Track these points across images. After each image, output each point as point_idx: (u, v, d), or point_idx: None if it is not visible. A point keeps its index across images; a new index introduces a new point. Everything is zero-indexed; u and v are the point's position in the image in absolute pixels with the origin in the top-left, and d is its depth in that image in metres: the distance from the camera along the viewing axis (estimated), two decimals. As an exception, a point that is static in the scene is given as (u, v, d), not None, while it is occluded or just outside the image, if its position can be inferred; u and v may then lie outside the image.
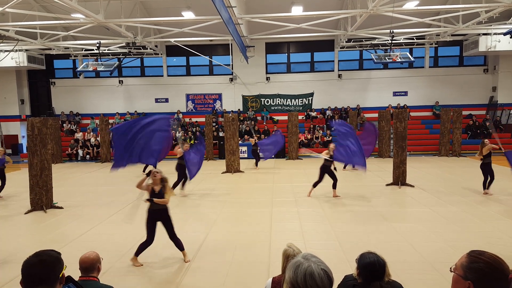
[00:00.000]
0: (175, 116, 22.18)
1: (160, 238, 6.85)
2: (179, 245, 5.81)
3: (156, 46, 21.16)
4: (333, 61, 22.22)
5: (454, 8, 14.81)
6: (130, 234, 7.15)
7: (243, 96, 22.43)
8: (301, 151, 17.76)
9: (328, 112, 21.85)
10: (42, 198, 9.09)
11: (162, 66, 22.80)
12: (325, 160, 9.90)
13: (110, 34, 17.55)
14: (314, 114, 21.80)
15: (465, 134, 19.50)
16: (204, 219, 8.14)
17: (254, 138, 15.86)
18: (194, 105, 22.86)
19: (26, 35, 17.36)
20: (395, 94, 22.03)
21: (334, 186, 9.95)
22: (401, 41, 19.94)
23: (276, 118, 22.02)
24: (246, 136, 20.00)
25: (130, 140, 5.95)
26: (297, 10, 15.43)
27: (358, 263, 2.48)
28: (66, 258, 1.91)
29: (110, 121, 20.58)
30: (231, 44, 19.27)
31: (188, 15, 15.23)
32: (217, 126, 20.60)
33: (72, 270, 3.30)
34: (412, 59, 17.31)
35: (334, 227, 7.30)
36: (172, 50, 22.31)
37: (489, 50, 18.87)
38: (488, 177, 9.89)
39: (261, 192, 10.80)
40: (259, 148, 15.02)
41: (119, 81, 22.72)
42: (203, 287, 5.02)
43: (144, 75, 23.18)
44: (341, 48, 21.46)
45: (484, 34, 18.78)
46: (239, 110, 22.31)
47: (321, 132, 20.14)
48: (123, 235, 7.10)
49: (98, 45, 17.45)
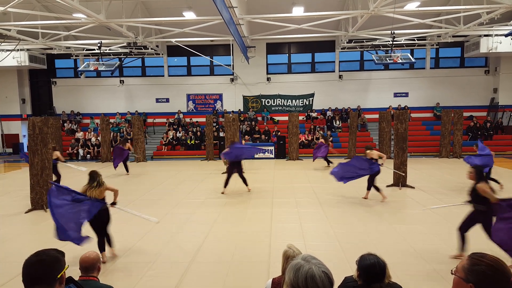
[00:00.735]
0: (176, 116, 22.20)
1: (160, 238, 6.87)
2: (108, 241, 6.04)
3: (157, 46, 21.18)
4: (334, 61, 22.22)
5: (456, 9, 14.80)
6: (130, 234, 7.16)
7: (244, 96, 22.44)
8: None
9: (328, 112, 21.86)
10: (42, 197, 9.09)
11: (163, 66, 22.82)
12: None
13: (111, 34, 17.56)
14: (314, 114, 21.80)
15: (466, 135, 19.49)
16: (204, 219, 8.14)
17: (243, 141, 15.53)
18: (194, 105, 22.88)
19: (28, 35, 17.38)
20: (396, 95, 22.02)
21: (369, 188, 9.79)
22: (402, 42, 19.94)
23: (276, 118, 22.03)
24: (246, 136, 20.00)
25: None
26: (298, 11, 15.44)
27: (358, 265, 2.48)
28: (66, 257, 1.90)
29: (111, 120, 20.62)
30: (232, 44, 19.26)
31: (189, 15, 15.24)
32: (217, 126, 20.60)
33: (72, 270, 3.31)
34: (413, 60, 17.31)
35: (334, 228, 7.29)
36: (173, 50, 22.33)
37: (490, 51, 18.86)
38: None
39: (261, 192, 10.79)
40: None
41: (120, 81, 22.73)
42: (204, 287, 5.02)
43: (145, 75, 23.19)
44: (342, 49, 21.46)
45: (485, 36, 18.78)
46: (240, 110, 22.32)
47: (321, 132, 20.13)
48: (123, 235, 7.10)
49: (99, 45, 17.46)
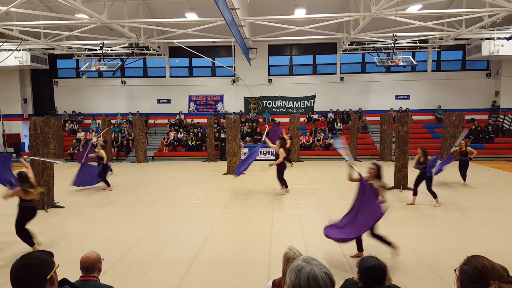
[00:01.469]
0: (177, 117, 22.23)
1: (160, 239, 6.87)
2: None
3: (159, 47, 21.22)
4: (335, 64, 22.24)
5: (457, 12, 14.82)
6: (131, 234, 7.16)
7: (245, 97, 22.46)
8: None
9: (330, 115, 21.86)
10: (43, 198, 9.10)
11: (164, 67, 22.86)
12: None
13: (113, 34, 17.61)
14: (316, 116, 21.81)
15: (467, 138, 19.45)
16: (204, 220, 8.14)
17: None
18: (196, 106, 22.90)
19: (30, 35, 17.43)
20: (397, 97, 22.02)
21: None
22: (403, 44, 19.95)
23: (277, 120, 22.00)
24: (247, 138, 20.01)
25: None
26: (300, 13, 15.46)
27: (359, 267, 2.47)
28: (66, 257, 1.92)
29: (112, 121, 20.64)
30: (234, 45, 19.30)
31: (191, 17, 15.27)
32: (218, 128, 20.61)
33: (73, 270, 3.31)
34: (414, 63, 17.32)
35: (335, 230, 7.27)
36: (175, 51, 22.36)
37: (492, 54, 18.85)
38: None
39: (262, 194, 10.79)
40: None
41: (122, 81, 22.77)
42: (203, 289, 5.02)
43: (146, 76, 23.23)
44: (343, 51, 21.48)
45: (487, 39, 18.78)
46: (241, 111, 22.33)
47: (322, 134, 20.13)
48: (124, 235, 7.11)
49: (101, 45, 17.52)
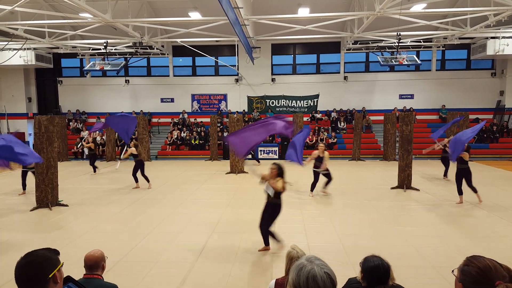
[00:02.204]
0: (180, 116, 22.26)
1: (163, 238, 6.89)
2: None
3: (162, 46, 21.25)
4: (339, 63, 22.18)
5: (462, 11, 14.73)
6: (135, 232, 7.18)
7: (248, 97, 22.43)
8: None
9: (333, 114, 21.82)
10: (47, 196, 9.15)
11: (168, 66, 22.89)
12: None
13: (117, 33, 17.65)
14: (319, 116, 21.77)
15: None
16: (207, 219, 8.15)
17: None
18: (199, 105, 22.92)
19: (35, 34, 17.51)
20: (401, 97, 21.94)
21: None
22: (408, 43, 19.86)
23: (281, 119, 21.98)
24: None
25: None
26: (303, 12, 15.43)
27: (362, 267, 2.47)
28: (70, 255, 1.92)
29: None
30: (237, 45, 19.30)
31: (194, 16, 15.28)
32: (222, 127, 20.63)
33: (77, 268, 3.33)
34: (419, 62, 17.25)
35: (338, 230, 7.27)
36: (178, 50, 22.39)
37: (497, 53, 18.71)
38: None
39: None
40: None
41: (126, 80, 22.83)
42: (206, 287, 5.03)
43: (150, 75, 23.28)
44: (347, 50, 21.42)
45: (492, 38, 18.65)
46: (244, 111, 22.33)
47: (326, 134, 20.09)
48: (127, 234, 7.13)
49: (105, 44, 17.57)
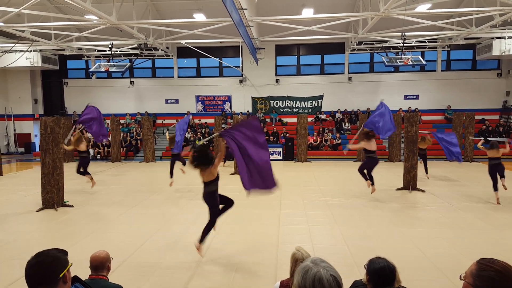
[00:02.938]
0: (185, 117, 22.30)
1: (168, 239, 6.90)
2: None
3: (167, 48, 21.32)
4: (343, 63, 22.14)
5: (468, 11, 14.64)
6: (139, 233, 7.20)
7: (252, 98, 22.47)
8: None
9: (337, 114, 21.77)
10: (53, 197, 9.20)
11: (172, 68, 22.97)
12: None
13: (122, 35, 17.75)
14: (323, 116, 21.73)
15: (477, 138, 19.23)
16: (212, 221, 8.15)
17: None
18: (203, 106, 22.97)
19: (41, 36, 17.65)
20: (406, 97, 21.85)
21: None
22: (412, 44, 19.78)
23: (285, 120, 22.00)
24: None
25: None
26: (307, 13, 15.41)
27: (368, 269, 2.45)
28: (75, 256, 1.93)
29: (121, 121, 20.80)
30: (241, 46, 19.33)
31: (199, 17, 15.33)
32: (226, 128, 20.63)
33: (82, 268, 3.34)
34: (424, 63, 17.16)
35: (343, 231, 7.25)
36: (183, 52, 22.47)
37: (503, 54, 18.58)
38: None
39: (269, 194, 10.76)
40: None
41: (131, 81, 22.94)
42: (211, 289, 5.04)
43: (155, 76, 23.37)
44: (351, 50, 21.37)
45: (498, 38, 18.52)
46: (248, 111, 22.34)
47: (330, 135, 20.05)
48: (133, 234, 7.16)
49: (110, 46, 17.65)
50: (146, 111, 22.70)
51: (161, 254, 6.12)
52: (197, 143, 5.84)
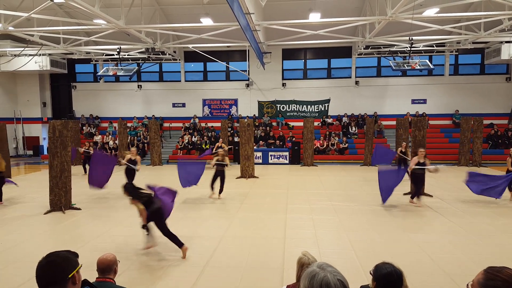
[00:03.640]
0: (191, 120, 22.39)
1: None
2: None
3: (174, 52, 21.45)
4: (350, 67, 22.10)
5: (476, 15, 14.53)
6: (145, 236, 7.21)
7: (259, 101, 22.49)
8: None
9: (344, 119, 21.70)
10: (61, 199, 9.28)
11: (180, 72, 23.10)
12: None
13: (130, 39, 17.89)
14: (330, 120, 21.68)
15: (486, 143, 19.07)
16: (218, 224, 8.16)
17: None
18: (210, 110, 23.04)
19: (50, 40, 17.86)
20: (414, 101, 21.73)
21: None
22: (420, 48, 19.69)
23: (291, 124, 21.99)
24: (261, 142, 20.02)
25: None
26: (314, 17, 15.41)
27: (374, 275, 2.42)
28: (82, 258, 1.95)
29: (128, 124, 20.93)
30: (248, 50, 19.38)
31: (206, 22, 15.40)
32: (232, 131, 20.68)
33: (89, 271, 3.36)
34: (431, 67, 17.08)
35: (349, 236, 7.21)
36: (190, 56, 22.59)
37: (511, 58, 18.44)
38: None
39: (275, 198, 10.76)
40: None
41: (138, 85, 23.10)
42: (217, 292, 5.03)
43: (162, 80, 23.51)
44: (358, 54, 21.33)
45: (506, 42, 18.40)
46: (255, 115, 22.36)
47: (337, 139, 19.99)
48: (139, 238, 7.17)
49: (118, 50, 17.81)
50: (153, 115, 22.82)
51: (168, 256, 6.12)
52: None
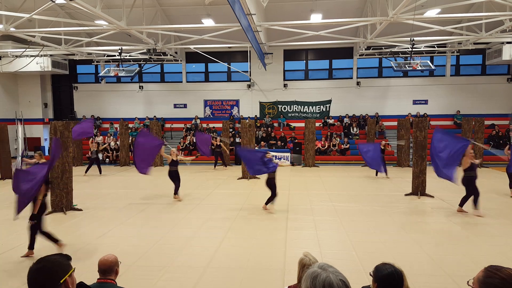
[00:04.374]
0: (193, 121, 22.41)
1: (175, 243, 6.91)
2: None
3: (176, 53, 21.48)
4: (351, 68, 22.09)
5: (477, 16, 14.53)
6: (146, 237, 7.22)
7: (260, 102, 22.49)
8: None
9: (346, 119, 21.69)
10: (62, 200, 9.29)
11: (181, 72, 23.12)
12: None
13: (131, 40, 17.92)
14: (331, 121, 21.67)
15: (487, 144, 19.03)
16: (219, 225, 8.15)
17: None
18: (211, 111, 23.06)
19: (51, 41, 17.91)
20: (415, 102, 21.71)
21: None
22: (421, 49, 19.68)
23: (293, 125, 21.98)
24: (262, 142, 20.02)
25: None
26: (316, 18, 15.41)
27: (375, 276, 2.41)
28: (84, 259, 1.95)
29: (130, 125, 20.94)
30: (250, 51, 19.41)
31: (208, 23, 15.42)
32: (234, 132, 20.69)
33: (90, 272, 3.37)
34: (433, 67, 17.06)
35: (351, 237, 7.20)
36: (191, 57, 22.62)
37: (513, 58, 18.44)
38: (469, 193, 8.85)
39: (276, 199, 10.74)
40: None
41: (140, 86, 23.13)
42: (218, 293, 5.02)
43: (163, 81, 23.53)
44: (360, 55, 21.33)
45: (508, 43, 18.37)
46: (256, 116, 22.37)
47: (338, 139, 19.98)
48: (140, 239, 7.18)
49: (120, 51, 17.84)
50: (155, 116, 22.84)
51: (168, 258, 6.12)
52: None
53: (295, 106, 22.27)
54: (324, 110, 22.01)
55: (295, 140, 19.78)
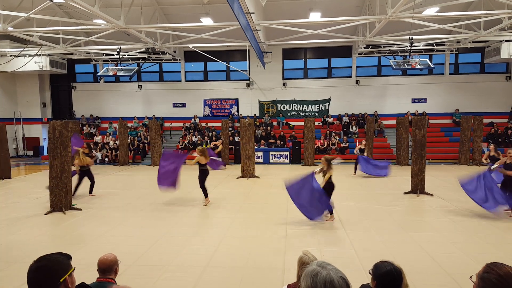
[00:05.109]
0: (192, 120, 22.40)
1: (175, 242, 6.91)
2: None
3: (174, 52, 21.45)
4: (350, 67, 22.09)
5: (476, 14, 14.54)
6: (146, 237, 7.22)
7: (260, 101, 22.49)
8: None
9: (345, 118, 21.69)
10: (61, 200, 9.27)
11: (180, 72, 23.10)
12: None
13: (130, 39, 17.89)
14: (330, 120, 21.67)
15: (486, 142, 19.05)
16: (218, 224, 8.16)
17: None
18: (211, 110, 23.04)
19: (49, 40, 17.87)
20: (414, 101, 21.73)
21: None
22: (420, 47, 19.68)
23: (292, 123, 21.99)
24: (262, 141, 20.01)
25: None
26: (315, 16, 15.40)
27: (374, 274, 2.41)
28: (83, 259, 1.94)
29: (129, 125, 20.93)
30: (249, 50, 19.39)
31: (206, 21, 15.40)
32: (233, 131, 20.68)
33: (90, 271, 3.37)
34: (431, 66, 17.08)
35: (350, 235, 7.21)
36: (190, 56, 22.59)
37: (511, 57, 18.43)
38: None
39: (276, 197, 10.75)
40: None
41: (138, 85, 23.10)
42: (217, 292, 5.03)
43: (162, 80, 23.51)
44: (359, 54, 21.33)
45: (506, 41, 18.38)
46: (255, 115, 22.36)
47: (337, 138, 19.98)
48: (139, 238, 7.18)
49: (118, 50, 17.81)
50: (154, 115, 22.82)
51: (168, 257, 6.12)
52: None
53: (294, 105, 22.27)
54: (323, 108, 22.01)
55: (295, 139, 19.78)
